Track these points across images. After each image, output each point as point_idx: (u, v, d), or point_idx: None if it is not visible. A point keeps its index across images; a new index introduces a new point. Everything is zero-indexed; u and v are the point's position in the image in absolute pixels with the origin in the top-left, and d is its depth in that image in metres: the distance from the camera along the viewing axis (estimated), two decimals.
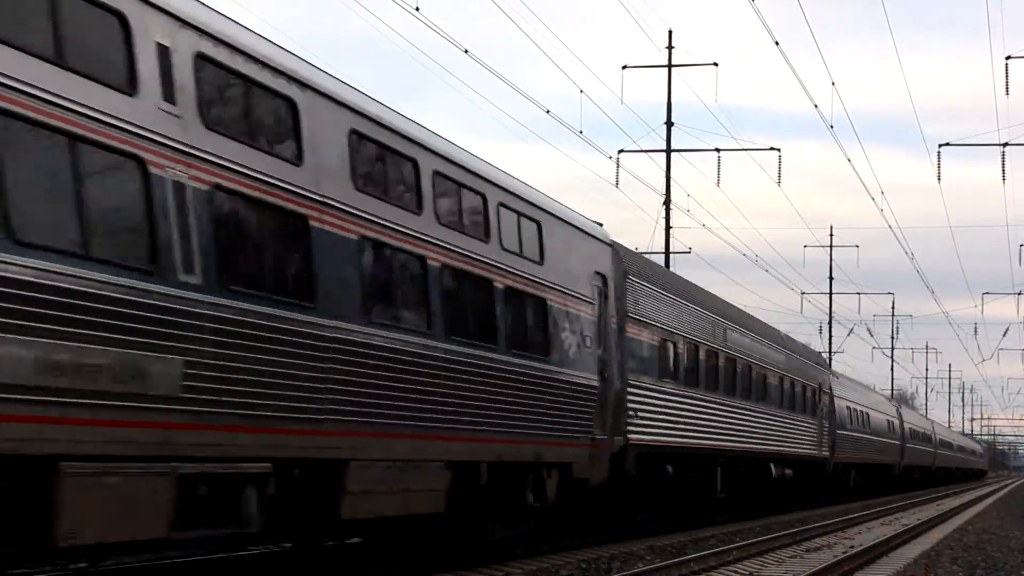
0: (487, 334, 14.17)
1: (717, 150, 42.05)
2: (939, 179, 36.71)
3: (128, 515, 8.87)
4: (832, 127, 57.18)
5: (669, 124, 40.23)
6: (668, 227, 39.75)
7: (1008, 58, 32.29)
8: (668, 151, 40.07)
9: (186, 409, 9.31)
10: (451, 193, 13.72)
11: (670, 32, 40.43)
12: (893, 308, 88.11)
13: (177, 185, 9.31)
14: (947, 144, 34.33)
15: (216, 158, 9.78)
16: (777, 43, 29.63)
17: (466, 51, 24.31)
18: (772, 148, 42.95)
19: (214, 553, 14.80)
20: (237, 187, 9.99)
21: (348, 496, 11.55)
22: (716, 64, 39.78)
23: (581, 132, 33.57)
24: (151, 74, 9.22)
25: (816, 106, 34.84)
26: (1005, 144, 33.70)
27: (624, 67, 39.90)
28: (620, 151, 40.17)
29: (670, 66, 40.08)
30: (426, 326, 12.77)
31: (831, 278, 70.91)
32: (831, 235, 70.41)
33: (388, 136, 12.45)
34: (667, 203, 39.70)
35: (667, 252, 39.15)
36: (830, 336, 71.80)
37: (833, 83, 51.99)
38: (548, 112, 31.14)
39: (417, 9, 21.26)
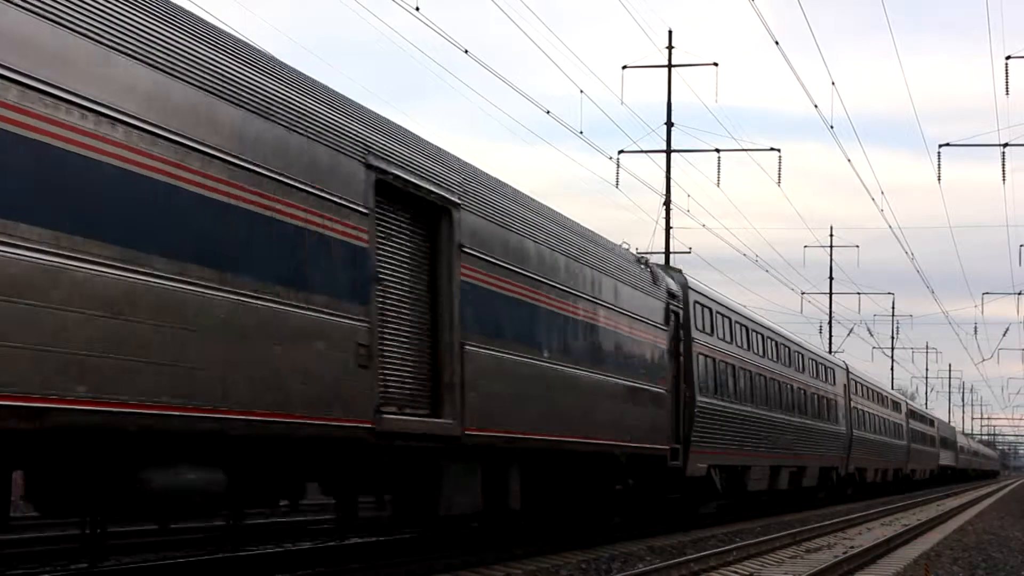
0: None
1: (717, 150, 42.17)
2: (939, 179, 36.86)
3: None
4: (832, 127, 57.18)
5: (669, 124, 40.30)
6: (668, 227, 39.82)
7: (1008, 58, 32.48)
8: (668, 151, 40.15)
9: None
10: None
11: (670, 32, 40.57)
12: (893, 308, 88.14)
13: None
14: (947, 144, 34.49)
15: None
16: (777, 43, 29.80)
17: (466, 51, 24.45)
18: (772, 148, 43.15)
19: (214, 553, 14.87)
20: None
21: None
22: (716, 64, 39.92)
23: (581, 133, 33.80)
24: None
25: (816, 106, 35.07)
26: (1005, 144, 33.80)
27: (624, 67, 40.01)
28: (620, 151, 40.34)
29: (670, 66, 40.15)
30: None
31: (831, 278, 70.98)
32: (831, 235, 70.44)
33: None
34: (667, 203, 39.76)
35: (667, 252, 39.16)
36: (830, 336, 71.73)
37: (833, 83, 52.18)
38: (548, 113, 31.30)
39: (417, 9, 21.35)
